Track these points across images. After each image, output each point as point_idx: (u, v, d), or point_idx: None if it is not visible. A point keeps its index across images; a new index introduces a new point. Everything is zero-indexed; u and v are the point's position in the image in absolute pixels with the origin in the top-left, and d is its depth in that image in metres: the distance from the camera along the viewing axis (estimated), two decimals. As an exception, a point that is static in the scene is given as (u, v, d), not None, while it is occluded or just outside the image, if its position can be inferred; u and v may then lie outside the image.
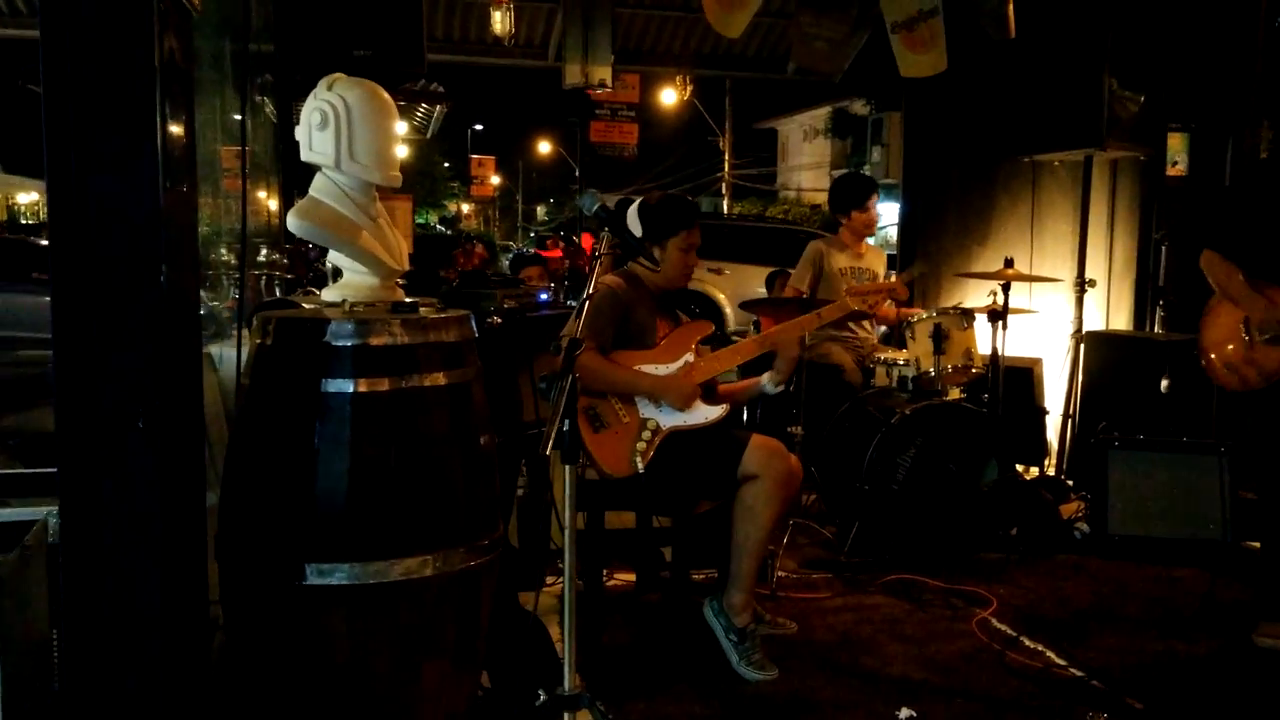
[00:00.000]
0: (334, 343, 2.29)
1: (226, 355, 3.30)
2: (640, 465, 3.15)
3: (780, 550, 4.10)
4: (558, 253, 13.72)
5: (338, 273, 2.60)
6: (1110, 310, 6.11)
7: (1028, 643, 3.50)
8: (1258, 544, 4.07)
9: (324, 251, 2.80)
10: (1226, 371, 3.57)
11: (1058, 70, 5.14)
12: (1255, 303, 3.50)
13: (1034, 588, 4.05)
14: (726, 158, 27.74)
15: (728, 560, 3.28)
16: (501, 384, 3.38)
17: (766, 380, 3.43)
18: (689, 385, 3.26)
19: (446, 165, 44.31)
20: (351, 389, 2.28)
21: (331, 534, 2.28)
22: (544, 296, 4.00)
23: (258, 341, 2.39)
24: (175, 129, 2.22)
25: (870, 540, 4.30)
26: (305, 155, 2.52)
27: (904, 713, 2.95)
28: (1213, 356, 3.61)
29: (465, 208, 45.76)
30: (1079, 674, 3.27)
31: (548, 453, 2.14)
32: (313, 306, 2.61)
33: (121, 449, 2.13)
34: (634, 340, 3.33)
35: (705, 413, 3.26)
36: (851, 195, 5.06)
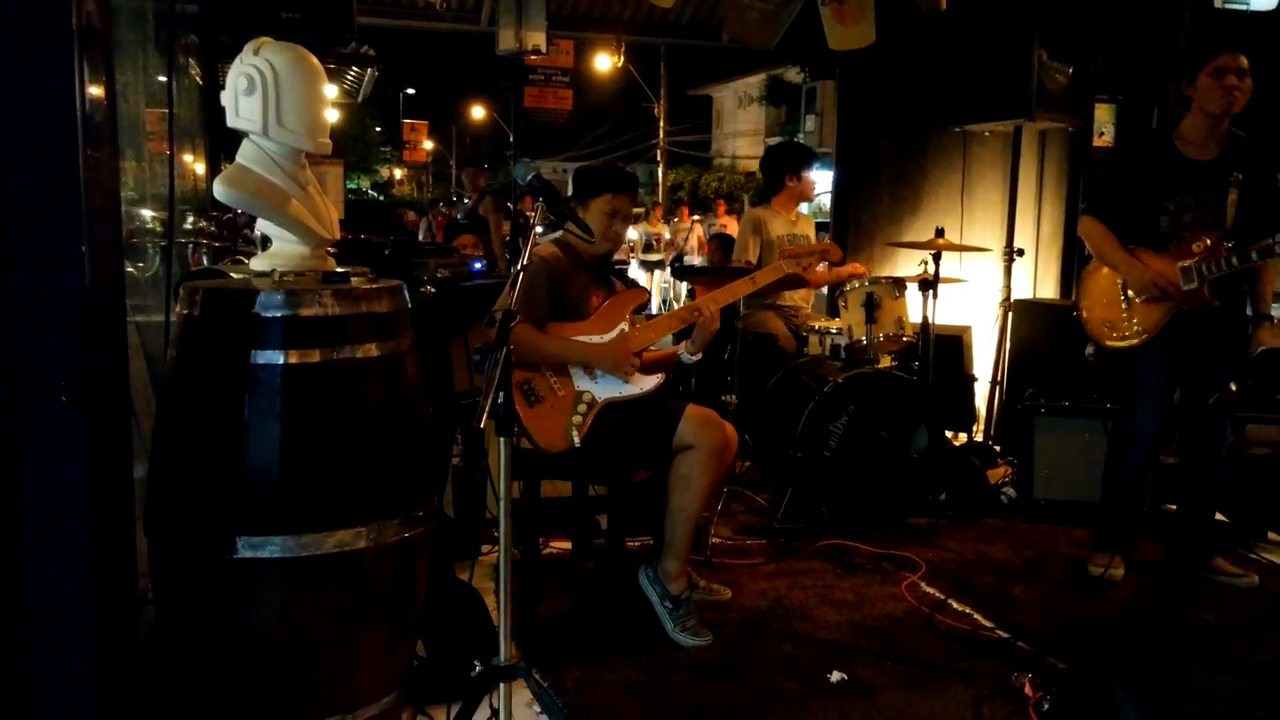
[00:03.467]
0: (263, 314, 2.26)
1: (152, 325, 3.23)
2: (577, 439, 3.17)
3: (715, 517, 4.15)
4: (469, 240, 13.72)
5: (266, 241, 2.55)
6: (1038, 279, 6.25)
7: (956, 605, 3.60)
8: (1174, 506, 4.23)
9: (253, 218, 2.75)
10: (1106, 330, 3.72)
11: (988, 41, 5.22)
12: (1131, 267, 3.64)
13: (962, 551, 4.15)
14: (661, 124, 27.68)
15: (663, 528, 3.32)
16: (435, 355, 3.36)
17: (683, 350, 3.46)
18: (624, 352, 3.28)
19: (378, 130, 43.53)
20: (282, 361, 2.25)
21: (263, 507, 2.26)
22: (478, 266, 3.96)
23: (185, 312, 2.35)
24: (95, 91, 2.16)
25: (803, 506, 4.37)
26: (232, 121, 2.46)
27: (835, 676, 3.02)
28: (1086, 316, 3.78)
29: (398, 173, 45.06)
30: (1005, 635, 3.37)
31: (482, 425, 2.14)
32: (241, 276, 2.57)
33: (45, 421, 2.09)
34: (569, 311, 3.33)
35: (641, 383, 3.28)
36: (789, 162, 5.10)
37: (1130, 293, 3.69)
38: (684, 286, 12.59)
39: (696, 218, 15.44)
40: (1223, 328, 3.67)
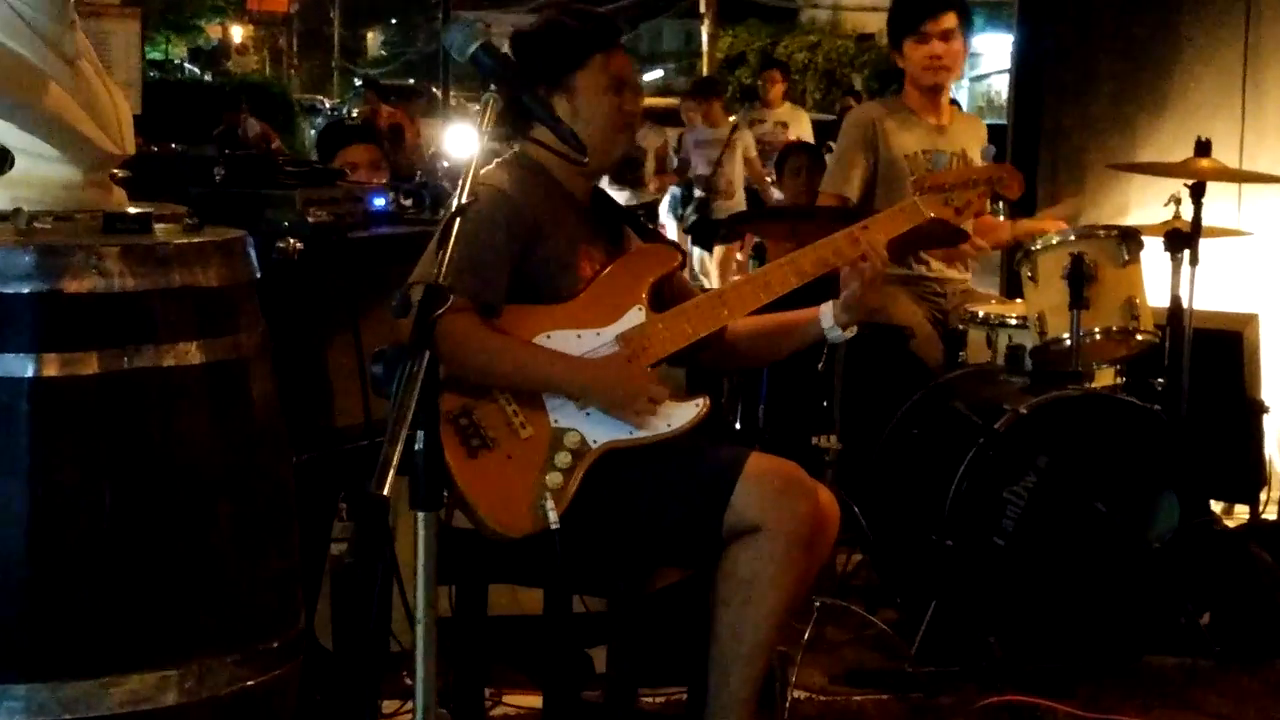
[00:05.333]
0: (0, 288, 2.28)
1: None
2: (552, 514, 3.16)
3: (798, 654, 4.14)
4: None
5: (5, 156, 2.59)
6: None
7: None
8: None
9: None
10: None
11: None
12: None
13: (1238, 717, 4.13)
14: (707, -50, 27.73)
15: (705, 673, 3.32)
16: (303, 362, 3.36)
17: (830, 320, 3.42)
18: (635, 368, 3.28)
19: (206, -40, 43.80)
20: (32, 372, 2.27)
21: (-4, 633, 2.27)
22: (380, 202, 3.97)
23: None
24: None
25: (957, 634, 4.35)
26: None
27: None
28: None
29: (237, 34, 45.28)
30: None
31: (387, 490, 2.14)
32: (-41, 221, 2.58)
33: None
34: (541, 284, 3.32)
35: (668, 416, 3.27)
36: (908, 14, 5.08)
37: None
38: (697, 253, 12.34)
39: (734, 118, 14.73)
40: None
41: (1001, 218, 5.16)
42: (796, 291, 3.43)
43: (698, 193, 12.34)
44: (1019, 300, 4.87)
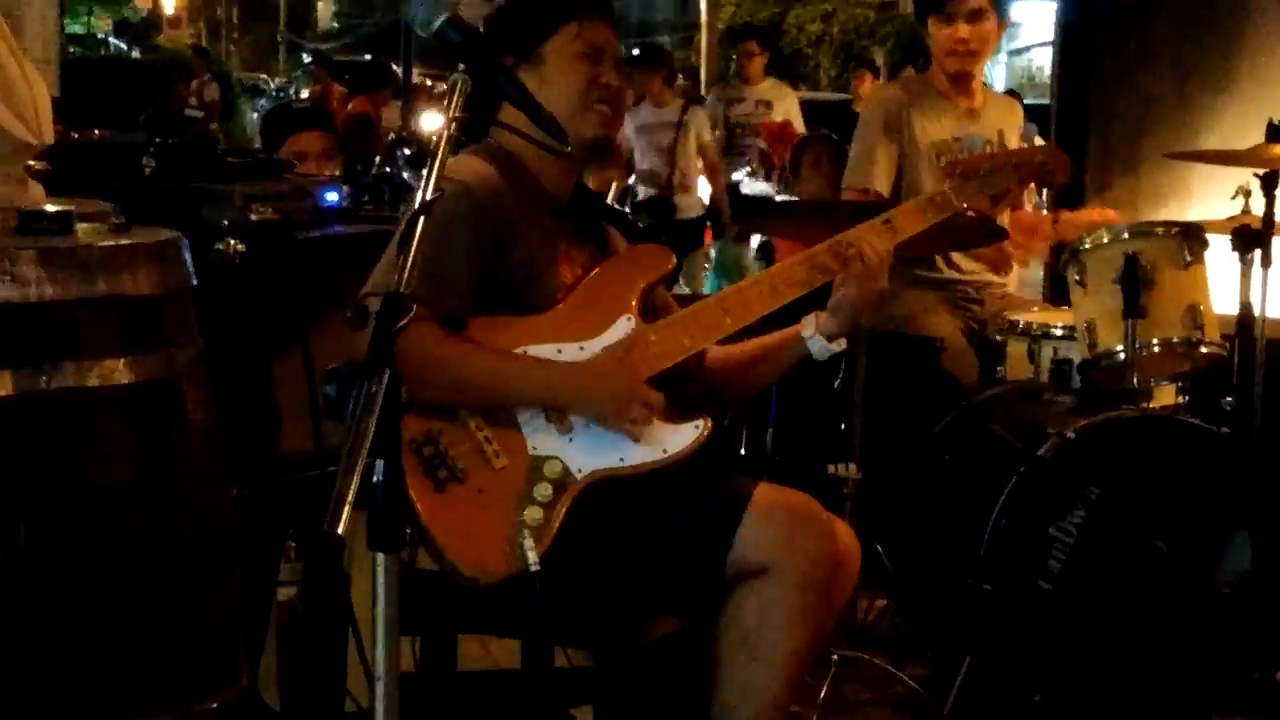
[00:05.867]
0: (-102, 298, 2.30)
1: None
2: (531, 555, 3.17)
3: (814, 715, 4.16)
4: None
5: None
6: None
7: None
8: None
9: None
10: None
11: None
12: None
13: (1319, 787, 4.16)
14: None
15: (707, 735, 3.33)
16: (246, 380, 3.38)
17: (812, 330, 3.44)
18: (622, 369, 3.30)
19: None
20: (-63, 393, 2.29)
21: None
22: (333, 197, 3.99)
23: None
24: None
25: (996, 692, 4.37)
26: None
27: None
28: None
29: (169, 4, 45.28)
30: None
31: (342, 528, 2.16)
32: None
33: None
34: (515, 292, 3.34)
35: (663, 440, 3.29)
36: None
37: None
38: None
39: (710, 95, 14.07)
40: None
41: (1045, 211, 5.18)
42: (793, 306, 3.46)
43: (642, 190, 11.63)
44: (1065, 308, 4.89)
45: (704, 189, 11.48)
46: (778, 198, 9.99)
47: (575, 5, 3.41)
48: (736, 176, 11.53)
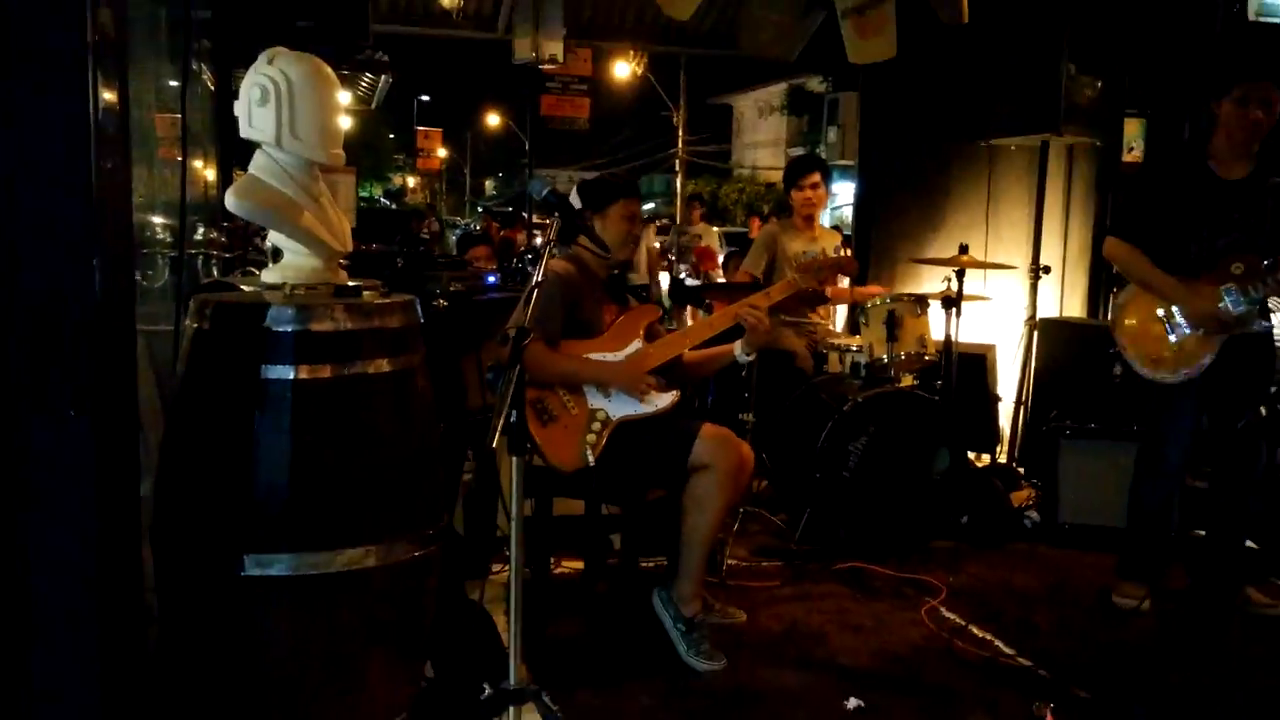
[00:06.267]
0: (274, 328, 2.29)
1: (160, 336, 3.26)
2: (591, 458, 3.18)
3: (730, 538, 4.15)
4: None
5: (278, 253, 2.58)
6: (1064, 297, 6.23)
7: (976, 631, 3.59)
8: (1203, 532, 4.21)
9: (264, 229, 2.78)
10: (1149, 363, 3.67)
11: (1015, 54, 5.21)
12: (1183, 295, 3.58)
13: (984, 576, 4.13)
14: (680, 134, 27.70)
15: (677, 549, 3.33)
16: (447, 370, 3.37)
17: (739, 347, 3.47)
18: (638, 372, 3.29)
19: (392, 137, 43.75)
20: (292, 376, 2.27)
21: (271, 525, 2.27)
22: (491, 279, 3.99)
23: (195, 325, 2.37)
24: (108, 98, 2.19)
25: (821, 528, 4.36)
26: (245, 131, 2.49)
27: (852, 702, 3.02)
28: (1126, 344, 3.72)
29: (410, 181, 45.23)
30: (1026, 663, 3.35)
31: (495, 444, 2.15)
32: (252, 289, 2.59)
33: (53, 433, 2.12)
34: (581, 328, 3.34)
35: (655, 401, 3.29)
36: (794, 172, 5.10)
37: (1179, 321, 3.63)
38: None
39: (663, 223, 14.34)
40: (1253, 350, 3.66)
41: (846, 285, 5.17)
42: (726, 332, 3.46)
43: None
44: (858, 336, 4.89)
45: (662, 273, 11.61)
46: (700, 285, 9.96)
47: (626, 190, 3.44)
48: (682, 275, 11.50)
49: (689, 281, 11.12)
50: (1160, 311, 3.66)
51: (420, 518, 2.48)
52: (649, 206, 35.42)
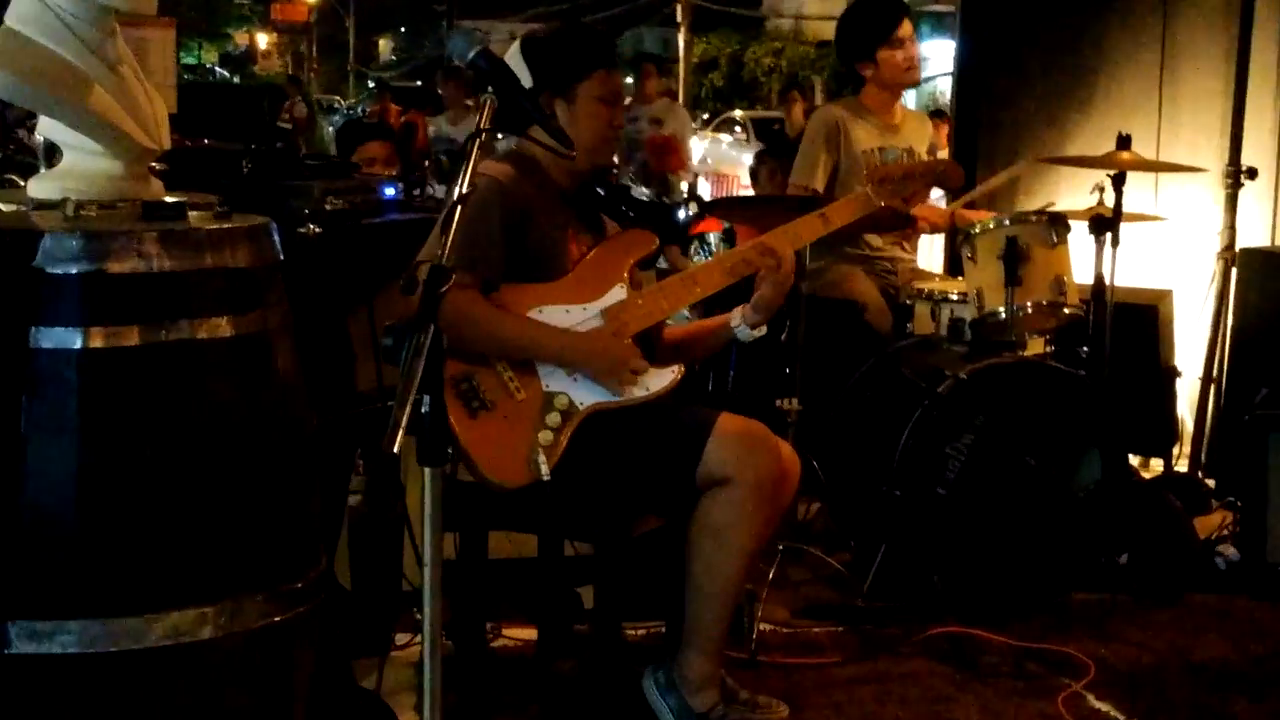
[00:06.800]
0: (49, 269, 2.28)
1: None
2: (545, 469, 3.17)
3: (764, 591, 4.15)
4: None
5: (54, 152, 2.61)
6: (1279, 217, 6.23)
7: (1142, 731, 3.62)
8: None
9: (31, 116, 2.76)
10: None
11: None
12: None
13: (1153, 645, 4.15)
14: (684, -36, 27.62)
15: (681, 608, 3.33)
16: (323, 334, 3.36)
17: (739, 320, 3.45)
18: (619, 342, 3.28)
19: (233, -25, 43.52)
20: (80, 344, 2.27)
21: (51, 574, 2.27)
22: (391, 192, 3.96)
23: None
24: None
25: (904, 574, 4.37)
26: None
27: (952, 842, 3.04)
28: None
29: (263, 41, 45.04)
30: (1217, 778, 3.39)
31: (397, 448, 2.14)
32: (13, 208, 2.58)
33: None
34: (533, 266, 3.33)
35: (646, 381, 3.28)
36: (873, 25, 5.09)
37: None
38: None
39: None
40: None
41: (943, 201, 5.18)
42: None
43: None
44: (960, 278, 4.88)
45: None
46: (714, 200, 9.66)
47: (602, 57, 3.42)
48: (628, 184, 10.48)
49: (636, 193, 10.51)
50: None
51: (283, 564, 2.48)
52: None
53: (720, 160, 19.76)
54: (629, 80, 11.96)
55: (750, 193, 9.74)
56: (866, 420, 4.59)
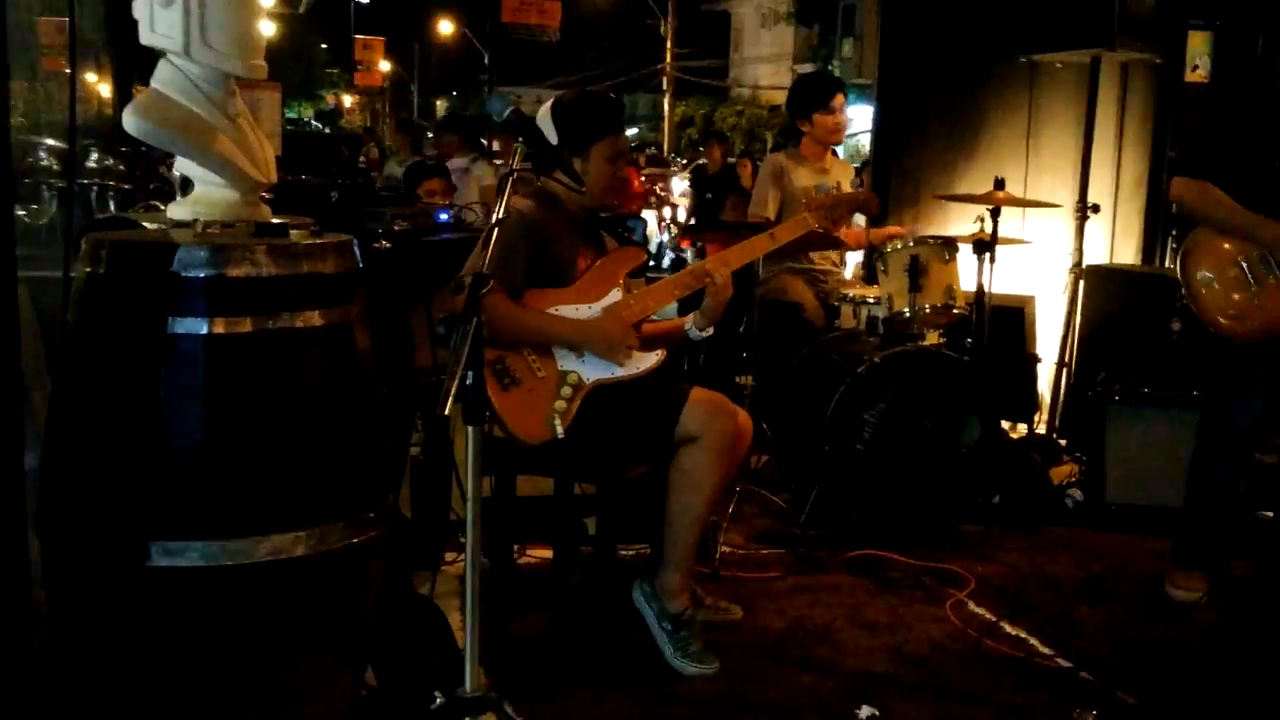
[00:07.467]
0: (183, 273, 2.25)
1: (47, 282, 3.22)
2: (560, 429, 3.16)
3: (724, 522, 4.16)
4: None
5: (187, 184, 2.55)
6: (1116, 241, 6.23)
7: (1009, 628, 3.61)
8: (1272, 513, 4.24)
9: (170, 156, 2.75)
10: (1227, 317, 3.64)
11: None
12: (1273, 234, 3.56)
13: (1018, 565, 4.16)
14: (669, 46, 27.51)
15: (661, 534, 3.32)
16: (391, 324, 3.35)
17: (691, 323, 3.45)
18: (618, 329, 3.26)
19: (324, 47, 43.33)
20: (205, 330, 2.25)
21: (182, 506, 2.25)
22: (444, 216, 3.95)
23: (88, 269, 2.34)
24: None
25: (831, 509, 4.38)
26: (146, 38, 2.45)
27: (865, 711, 3.03)
28: (1202, 294, 3.67)
29: (347, 100, 44.87)
30: (1066, 664, 3.38)
31: (447, 411, 2.13)
32: (156, 227, 2.57)
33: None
34: (551, 275, 3.31)
35: (637, 362, 3.27)
36: (813, 95, 5.07)
37: (1268, 266, 3.59)
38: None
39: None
40: None
41: (863, 227, 5.18)
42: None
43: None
44: (875, 285, 4.88)
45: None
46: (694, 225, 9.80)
47: (612, 124, 3.41)
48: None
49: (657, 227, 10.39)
50: (1240, 257, 3.63)
51: (360, 498, 2.46)
52: (631, 132, 35.37)
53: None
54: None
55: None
56: (804, 393, 4.59)
